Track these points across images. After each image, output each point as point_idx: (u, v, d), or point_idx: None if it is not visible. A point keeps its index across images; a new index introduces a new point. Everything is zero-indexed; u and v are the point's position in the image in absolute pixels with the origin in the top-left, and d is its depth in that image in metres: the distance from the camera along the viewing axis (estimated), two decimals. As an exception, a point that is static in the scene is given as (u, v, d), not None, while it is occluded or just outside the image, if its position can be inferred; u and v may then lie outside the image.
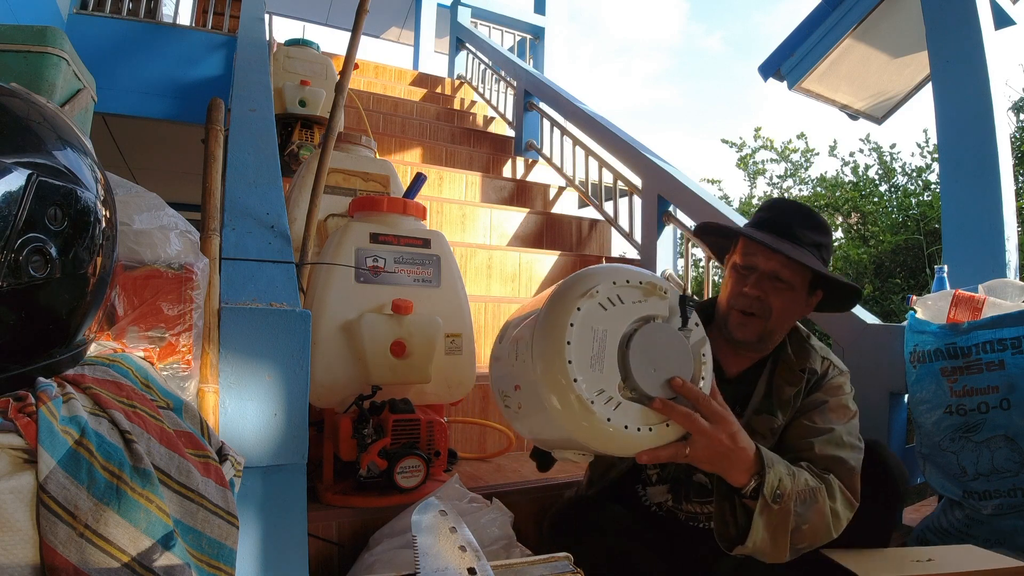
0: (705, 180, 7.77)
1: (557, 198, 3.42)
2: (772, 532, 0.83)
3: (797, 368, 1.02)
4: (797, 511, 0.84)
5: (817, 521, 0.86)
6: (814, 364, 1.04)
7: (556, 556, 0.71)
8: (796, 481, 0.86)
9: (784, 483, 0.84)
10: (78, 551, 0.45)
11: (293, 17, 7.71)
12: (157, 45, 2.90)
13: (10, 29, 0.98)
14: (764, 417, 1.01)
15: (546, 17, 5.00)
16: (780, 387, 1.02)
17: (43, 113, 0.56)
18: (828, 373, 1.04)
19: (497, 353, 0.96)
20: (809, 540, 0.88)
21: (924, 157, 5.65)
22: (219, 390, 0.73)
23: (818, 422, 0.97)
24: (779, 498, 0.83)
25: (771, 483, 0.82)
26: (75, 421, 0.51)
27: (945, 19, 1.83)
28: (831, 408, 0.99)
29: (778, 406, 1.01)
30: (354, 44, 1.04)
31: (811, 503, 0.86)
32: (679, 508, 1.08)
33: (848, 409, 1.01)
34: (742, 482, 0.83)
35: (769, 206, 1.07)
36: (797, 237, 1.00)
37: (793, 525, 0.84)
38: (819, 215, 1.04)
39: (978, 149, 1.73)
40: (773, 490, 0.82)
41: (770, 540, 0.84)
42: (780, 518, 0.83)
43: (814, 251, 1.01)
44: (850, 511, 0.91)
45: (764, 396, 1.03)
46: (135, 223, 0.72)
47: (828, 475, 0.91)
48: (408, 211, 1.31)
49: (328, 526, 1.10)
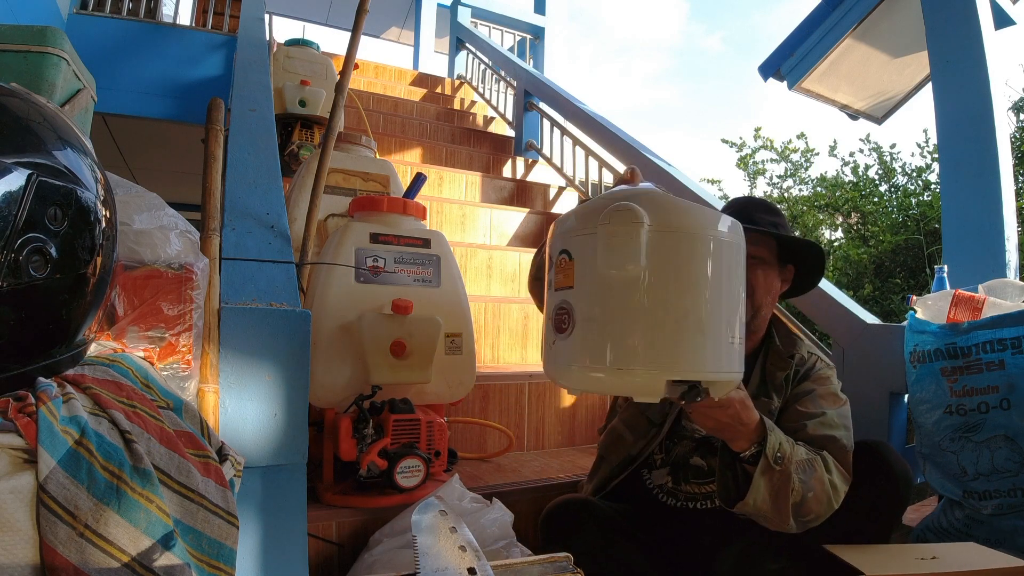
0: (705, 180, 7.77)
1: (557, 198, 3.42)
2: (774, 494, 0.88)
3: (786, 355, 1.12)
4: (800, 478, 0.90)
5: (819, 490, 0.91)
6: (800, 351, 1.13)
7: (556, 556, 0.71)
8: (796, 450, 0.92)
9: (784, 447, 0.90)
10: (78, 551, 0.45)
11: (293, 17, 7.70)
12: (157, 45, 2.90)
13: (10, 29, 0.98)
14: (762, 400, 1.07)
15: (546, 17, 5.00)
16: (772, 372, 1.11)
17: (43, 113, 0.56)
18: (816, 365, 1.12)
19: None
20: (815, 511, 0.92)
21: (924, 157, 5.66)
22: (219, 390, 0.73)
23: (809, 407, 1.04)
24: (780, 460, 0.88)
25: (772, 445, 0.89)
26: (75, 421, 0.51)
27: (945, 19, 1.83)
28: (820, 395, 1.07)
29: (772, 389, 1.09)
30: (354, 44, 1.04)
31: (811, 472, 0.92)
32: (678, 489, 1.13)
33: (838, 397, 1.08)
34: (743, 447, 0.89)
35: (728, 205, 1.21)
36: (755, 220, 1.11)
37: (799, 496, 0.89)
38: (771, 202, 1.20)
39: (978, 149, 1.73)
40: (775, 452, 0.88)
41: (771, 503, 0.88)
42: (781, 481, 0.88)
43: (772, 228, 1.12)
44: (845, 485, 0.96)
45: (760, 382, 1.11)
46: (135, 223, 0.72)
47: (822, 452, 0.97)
48: (408, 211, 1.31)
49: (328, 526, 1.10)
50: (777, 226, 1.14)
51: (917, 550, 1.04)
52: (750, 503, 0.89)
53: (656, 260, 0.68)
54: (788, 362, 1.11)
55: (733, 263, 0.74)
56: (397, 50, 8.06)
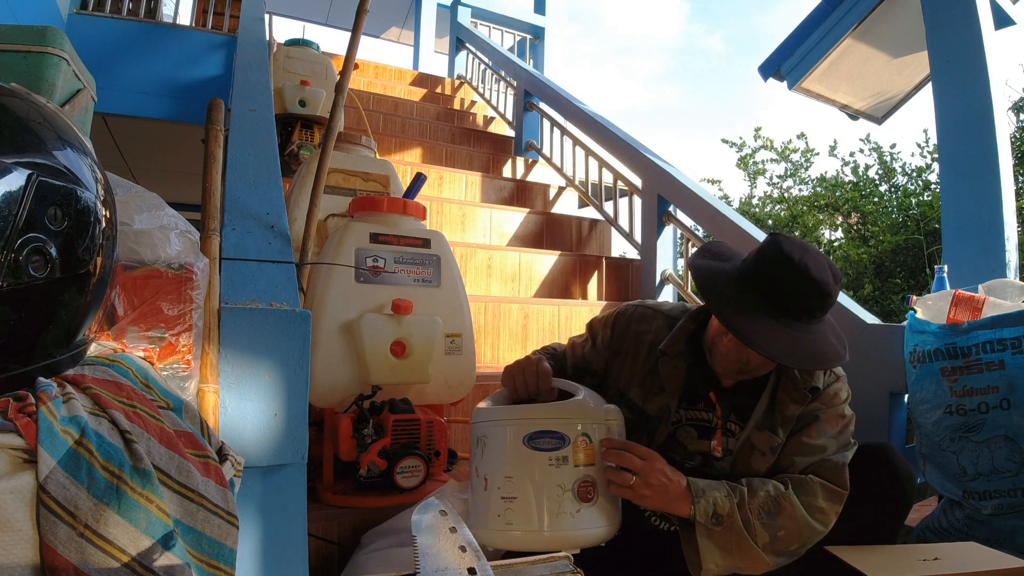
0: (705, 180, 7.78)
1: (557, 198, 3.42)
2: (730, 550, 0.87)
3: (803, 387, 0.98)
4: (763, 523, 0.88)
5: (792, 526, 0.89)
6: (817, 383, 0.99)
7: (556, 556, 0.71)
8: (753, 497, 0.89)
9: (722, 504, 0.87)
10: (78, 551, 0.45)
11: (293, 17, 7.70)
12: (157, 45, 2.90)
13: (10, 29, 0.98)
14: (766, 434, 0.98)
15: (546, 17, 5.00)
16: (784, 403, 0.98)
17: (43, 113, 0.56)
18: (823, 380, 1.01)
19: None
20: (796, 542, 0.90)
21: (924, 157, 5.66)
22: (219, 390, 0.73)
23: (814, 436, 0.97)
24: (719, 519, 0.86)
25: (704, 509, 0.86)
26: (75, 421, 0.51)
27: (945, 19, 1.83)
28: (826, 419, 0.98)
29: (780, 423, 0.98)
30: (354, 44, 1.04)
31: (777, 512, 0.89)
32: (662, 518, 1.06)
33: (843, 417, 1.00)
34: (686, 512, 0.88)
35: (765, 257, 0.90)
36: (798, 307, 0.88)
37: (766, 538, 0.87)
38: (817, 273, 0.87)
39: (978, 149, 1.73)
40: (708, 515, 0.86)
41: (733, 556, 0.87)
42: (732, 536, 0.87)
43: (804, 318, 0.90)
44: (838, 502, 0.93)
45: (767, 411, 0.99)
46: (135, 223, 0.72)
47: (806, 476, 0.94)
48: (408, 211, 1.31)
49: (328, 526, 1.10)
50: (819, 310, 0.91)
51: (918, 551, 1.03)
52: (712, 568, 0.87)
53: None
54: (805, 395, 0.97)
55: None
56: (397, 50, 8.06)
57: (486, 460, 0.90)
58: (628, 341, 1.08)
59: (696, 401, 1.03)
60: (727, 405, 1.01)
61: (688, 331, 1.04)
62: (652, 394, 1.04)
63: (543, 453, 0.86)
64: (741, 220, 2.15)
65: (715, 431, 1.00)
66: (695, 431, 1.02)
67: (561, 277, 2.65)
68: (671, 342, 1.03)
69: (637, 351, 1.07)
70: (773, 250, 0.90)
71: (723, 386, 1.02)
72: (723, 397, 1.01)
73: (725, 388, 1.02)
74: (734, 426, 1.01)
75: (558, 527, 0.84)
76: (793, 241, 0.90)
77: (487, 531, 0.87)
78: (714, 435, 1.00)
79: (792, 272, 0.87)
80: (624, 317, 1.11)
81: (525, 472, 0.86)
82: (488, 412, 0.94)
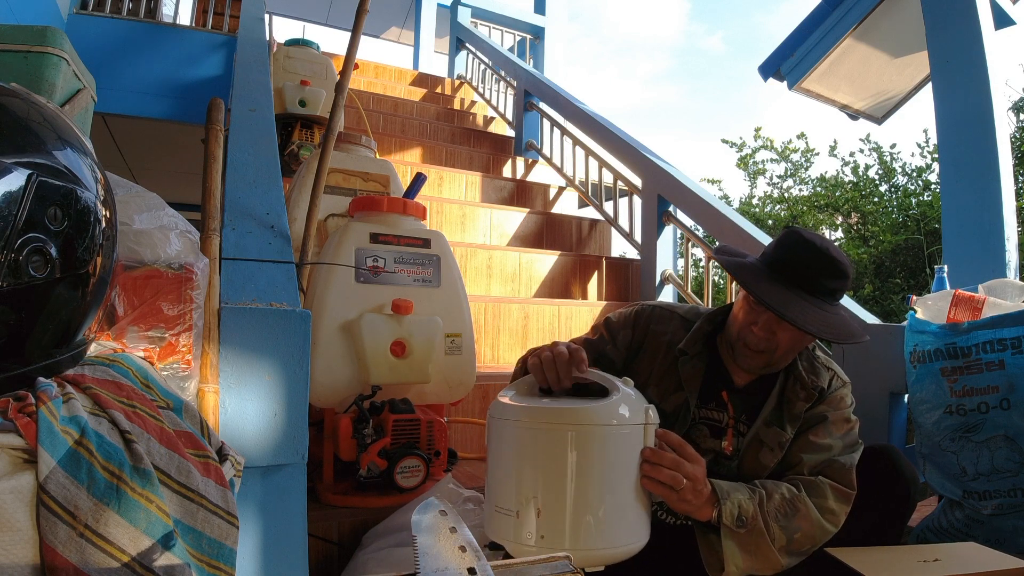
0: (705, 180, 7.78)
1: (557, 198, 3.42)
2: (751, 552, 0.88)
3: (810, 386, 1.02)
4: (781, 524, 0.90)
5: (807, 526, 0.91)
6: (823, 382, 1.03)
7: (556, 556, 0.71)
8: (770, 500, 0.91)
9: (746, 507, 0.89)
10: (78, 551, 0.45)
11: (293, 17, 7.70)
12: (157, 45, 2.90)
13: (10, 29, 0.98)
14: (774, 430, 1.01)
15: (546, 17, 5.00)
16: (792, 401, 1.02)
17: (43, 113, 0.56)
18: (831, 384, 1.04)
19: None
20: (809, 543, 0.92)
21: (924, 157, 5.66)
22: (219, 390, 0.73)
23: (821, 436, 1.00)
24: (743, 521, 0.88)
25: (730, 511, 0.88)
26: (75, 421, 0.51)
27: (945, 19, 1.83)
28: (832, 422, 1.01)
29: (788, 420, 1.01)
30: (354, 44, 1.04)
31: (793, 515, 0.91)
32: (669, 512, 1.08)
33: (848, 421, 1.03)
34: (708, 515, 0.88)
35: (787, 243, 0.99)
36: (816, 285, 0.95)
37: (783, 541, 0.89)
38: (837, 255, 0.96)
39: (978, 149, 1.73)
40: (733, 518, 0.88)
41: (753, 558, 0.88)
42: (753, 538, 0.88)
43: (827, 298, 0.97)
44: (847, 503, 0.95)
45: (775, 407, 1.02)
46: (135, 223, 0.72)
47: (817, 477, 0.96)
48: (408, 211, 1.31)
49: (328, 526, 1.10)
50: (835, 292, 0.98)
51: (918, 551, 1.04)
52: (733, 570, 0.88)
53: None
54: (812, 394, 1.02)
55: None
56: (397, 50, 8.06)
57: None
58: (648, 340, 1.10)
59: (708, 401, 1.06)
60: (738, 405, 1.04)
61: (705, 332, 1.07)
62: (668, 393, 1.06)
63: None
64: (741, 220, 2.15)
65: (726, 430, 1.03)
66: (707, 430, 1.05)
67: (561, 277, 2.66)
68: (690, 342, 1.05)
69: (656, 350, 1.09)
70: (794, 238, 0.98)
71: (735, 387, 1.05)
72: (735, 397, 1.04)
73: (737, 389, 1.06)
74: (743, 427, 1.04)
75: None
76: (810, 231, 0.99)
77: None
78: (725, 434, 1.03)
79: (815, 252, 0.95)
80: (643, 317, 1.12)
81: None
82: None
